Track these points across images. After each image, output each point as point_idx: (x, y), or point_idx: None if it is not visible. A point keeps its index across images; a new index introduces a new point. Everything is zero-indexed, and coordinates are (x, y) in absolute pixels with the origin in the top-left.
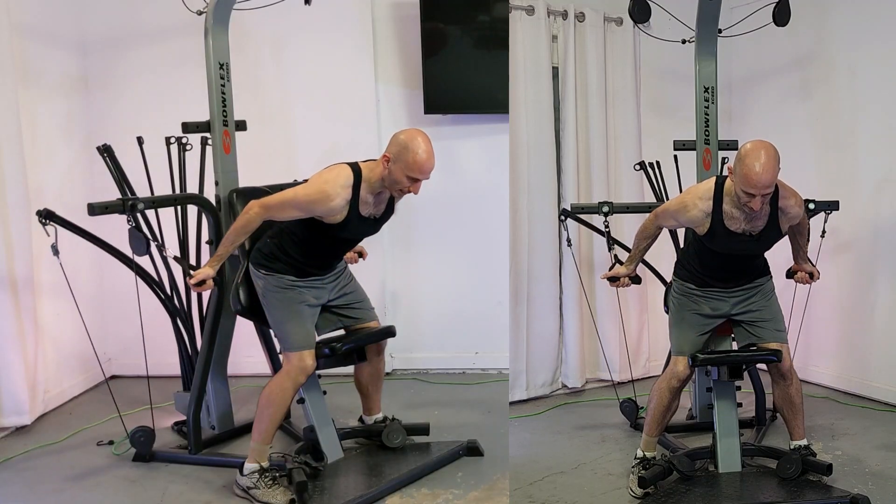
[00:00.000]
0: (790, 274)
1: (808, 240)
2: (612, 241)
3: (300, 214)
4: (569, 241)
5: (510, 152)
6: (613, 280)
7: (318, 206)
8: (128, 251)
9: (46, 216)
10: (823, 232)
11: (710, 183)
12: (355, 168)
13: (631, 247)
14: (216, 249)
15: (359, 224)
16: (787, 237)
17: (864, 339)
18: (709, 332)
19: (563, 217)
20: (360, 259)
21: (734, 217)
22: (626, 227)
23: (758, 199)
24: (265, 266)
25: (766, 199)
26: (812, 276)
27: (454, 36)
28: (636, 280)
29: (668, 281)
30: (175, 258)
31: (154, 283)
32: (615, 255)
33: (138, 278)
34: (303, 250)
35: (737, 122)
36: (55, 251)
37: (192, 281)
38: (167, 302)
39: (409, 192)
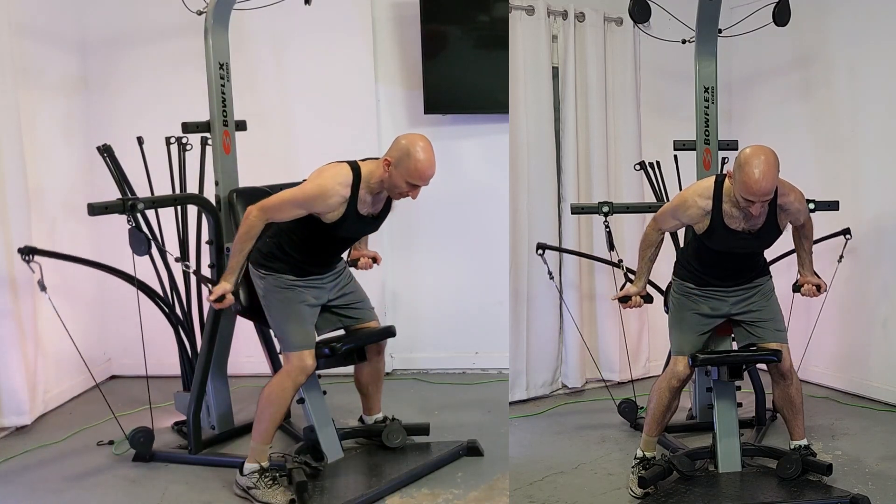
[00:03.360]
0: (797, 288)
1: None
2: (612, 244)
3: (300, 213)
4: (550, 275)
5: (510, 152)
6: (624, 300)
7: (317, 203)
8: (128, 257)
9: (28, 252)
10: (841, 257)
11: (710, 181)
12: (354, 167)
13: (636, 251)
14: (228, 262)
15: (356, 223)
16: (791, 236)
17: (864, 339)
18: (708, 332)
19: (540, 252)
20: (375, 264)
21: (733, 216)
22: (626, 228)
23: (757, 205)
24: (265, 266)
25: (766, 203)
26: (819, 289)
27: (454, 36)
28: (648, 299)
29: (668, 281)
30: (195, 272)
31: (157, 297)
32: (626, 271)
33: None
34: (301, 249)
35: (737, 122)
36: (42, 287)
37: (212, 297)
38: (171, 315)
39: (408, 196)
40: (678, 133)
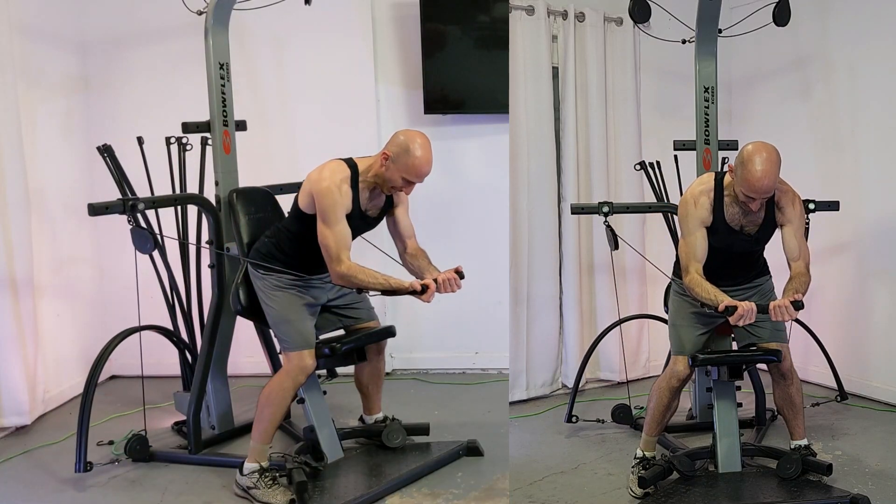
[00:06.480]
0: (763, 310)
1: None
2: (615, 240)
3: (344, 223)
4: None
5: (510, 152)
6: (731, 312)
7: (339, 205)
8: (129, 256)
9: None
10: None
11: (707, 177)
12: (350, 163)
13: (644, 254)
14: (368, 281)
15: (359, 220)
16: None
17: (864, 339)
18: (708, 332)
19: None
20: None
21: (733, 211)
22: (626, 228)
23: (757, 201)
24: (264, 266)
25: (765, 199)
26: (795, 306)
27: (454, 36)
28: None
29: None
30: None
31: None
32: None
33: (137, 279)
34: (300, 248)
35: (737, 122)
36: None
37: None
38: (181, 344)
39: (401, 191)
40: (678, 133)
